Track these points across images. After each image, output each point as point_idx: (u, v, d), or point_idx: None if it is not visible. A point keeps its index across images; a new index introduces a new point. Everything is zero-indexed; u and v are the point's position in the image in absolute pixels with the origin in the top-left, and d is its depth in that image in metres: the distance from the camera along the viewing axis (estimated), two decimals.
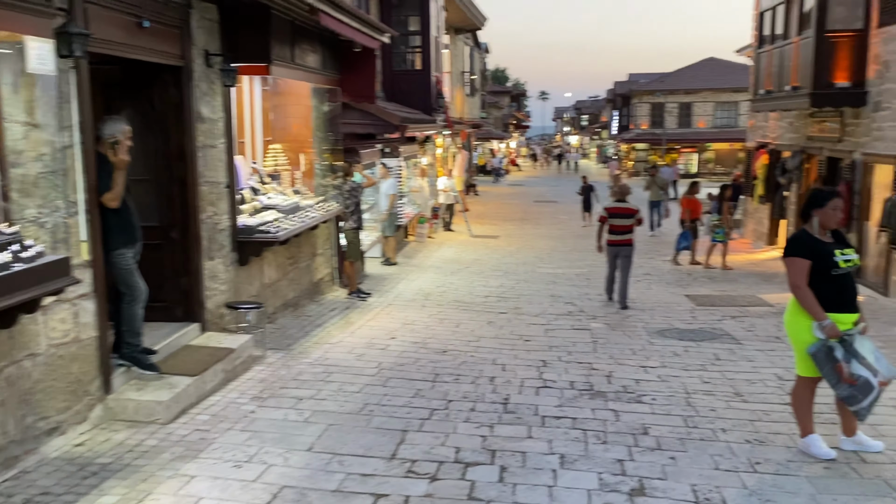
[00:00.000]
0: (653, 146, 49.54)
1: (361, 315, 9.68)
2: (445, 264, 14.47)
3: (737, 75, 49.04)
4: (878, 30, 11.02)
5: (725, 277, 13.23)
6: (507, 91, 69.08)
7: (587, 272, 13.81)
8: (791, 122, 14.87)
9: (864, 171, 11.55)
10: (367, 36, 8.99)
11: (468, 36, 33.12)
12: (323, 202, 10.10)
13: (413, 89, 14.70)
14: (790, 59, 12.48)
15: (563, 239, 18.59)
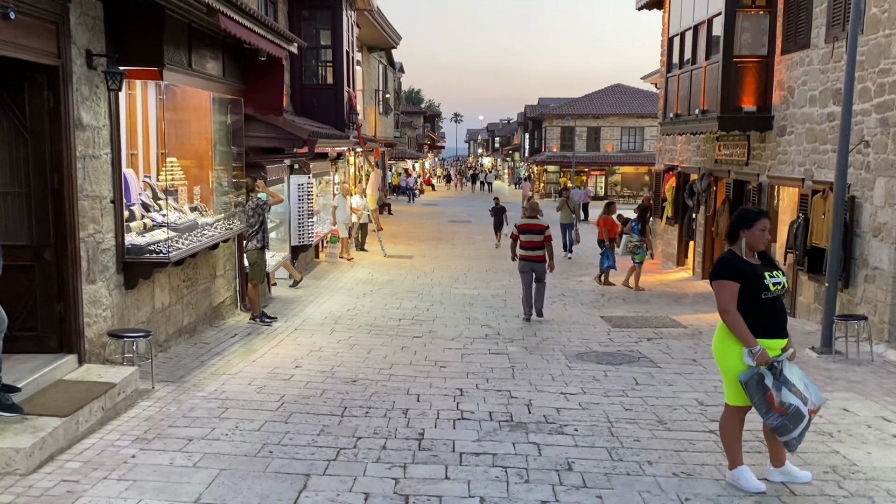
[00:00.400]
0: (563, 168, 50.56)
1: (265, 341, 9.01)
2: (357, 286, 13.91)
3: (642, 101, 50.97)
4: (782, 56, 11.32)
5: (638, 298, 13.25)
6: (422, 112, 69.25)
7: (503, 293, 13.55)
8: (699, 146, 15.18)
9: (769, 193, 11.80)
10: (274, 44, 8.44)
11: (382, 55, 32.80)
12: (224, 220, 9.41)
13: (324, 104, 14.16)
14: (699, 84, 12.71)
15: (478, 259, 18.36)
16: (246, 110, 9.50)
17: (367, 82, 28.25)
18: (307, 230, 14.01)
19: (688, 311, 12.08)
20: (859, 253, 9.24)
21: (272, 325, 9.89)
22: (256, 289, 9.97)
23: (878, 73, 8.77)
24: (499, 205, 21.91)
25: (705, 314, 11.68)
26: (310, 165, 14.04)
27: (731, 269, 4.62)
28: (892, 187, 8.54)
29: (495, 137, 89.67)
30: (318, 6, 14.28)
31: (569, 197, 20.19)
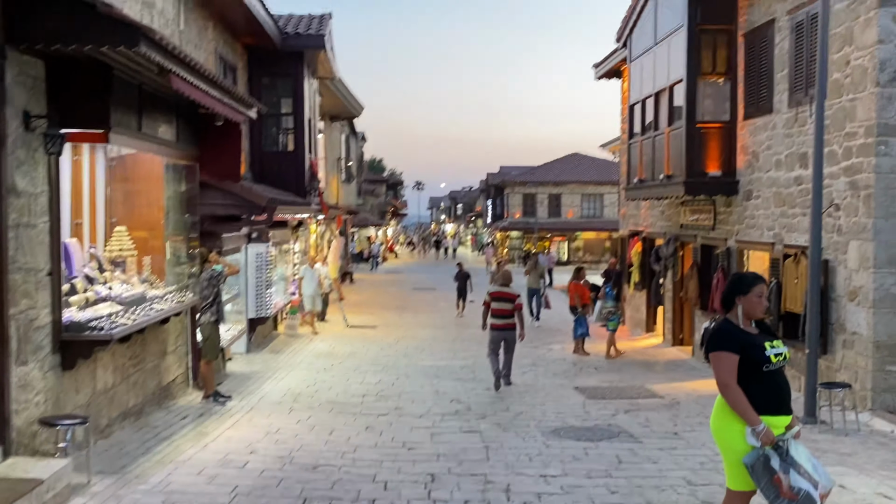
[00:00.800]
0: (526, 234, 50.83)
1: (218, 423, 8.33)
2: (318, 359, 13.27)
3: (600, 169, 51.91)
4: (745, 122, 11.38)
5: (610, 367, 12.87)
6: (384, 180, 69.49)
7: (471, 364, 13.05)
8: (663, 211, 15.14)
9: (739, 258, 11.67)
10: (231, 108, 8.09)
11: (344, 123, 32.85)
12: (176, 292, 8.84)
13: (285, 171, 13.81)
14: (663, 150, 12.71)
15: (444, 328, 17.86)
16: (201, 177, 9.07)
17: (330, 150, 28.12)
18: (265, 301, 13.42)
19: (662, 379, 11.71)
20: (836, 318, 9.03)
21: (226, 404, 9.21)
22: (210, 366, 9.32)
23: (845, 136, 8.76)
24: (462, 271, 21.11)
25: (680, 382, 11.33)
26: (269, 234, 13.57)
27: (729, 340, 4.26)
28: (865, 250, 8.41)
29: (458, 204, 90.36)
30: (279, 73, 14.09)
31: (536, 262, 19.84)
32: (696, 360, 13.28)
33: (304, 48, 13.87)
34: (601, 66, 18.26)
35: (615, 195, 51.03)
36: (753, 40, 11.00)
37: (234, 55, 12.89)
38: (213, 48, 11.26)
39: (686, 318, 14.48)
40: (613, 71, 18.15)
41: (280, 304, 15.33)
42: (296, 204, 11.83)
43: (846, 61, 8.72)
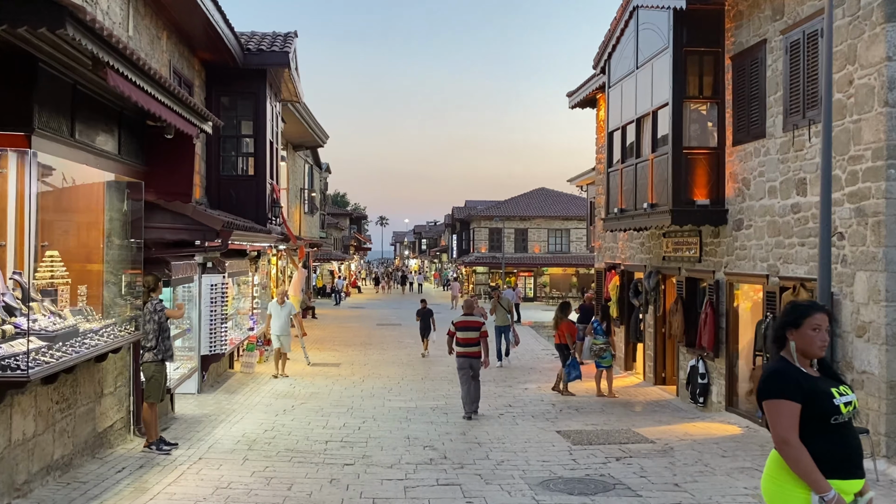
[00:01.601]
0: (492, 269, 50.19)
1: (160, 476, 7.26)
2: (277, 400, 12.19)
3: (566, 204, 51.79)
4: (734, 148, 10.84)
5: (591, 408, 12.03)
6: (348, 213, 68.56)
7: (443, 404, 12.11)
8: (643, 243, 14.53)
9: (728, 291, 11.03)
10: (182, 118, 7.19)
11: (308, 154, 31.99)
12: (116, 326, 7.79)
13: (244, 197, 12.86)
14: (646, 177, 12.12)
15: (411, 365, 16.89)
16: (148, 196, 8.10)
17: (293, 180, 27.20)
18: (220, 337, 12.35)
19: (648, 421, 10.91)
20: (842, 356, 8.37)
21: (171, 453, 8.13)
22: (153, 409, 8.24)
23: (849, 160, 8.20)
24: (426, 308, 19.45)
25: (669, 426, 10.54)
26: (225, 264, 12.55)
27: (789, 386, 3.45)
28: (875, 282, 7.78)
29: (422, 239, 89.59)
30: (240, 92, 13.21)
31: (500, 296, 17.95)
32: (681, 401, 12.54)
33: (267, 66, 13.03)
34: (576, 95, 17.80)
35: (582, 230, 50.92)
36: (743, 62, 10.51)
37: (191, 70, 11.99)
38: (166, 60, 10.36)
39: (669, 356, 13.78)
40: (588, 100, 17.71)
41: (236, 340, 14.23)
42: (255, 230, 10.88)
43: (849, 80, 8.20)
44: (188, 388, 11.99)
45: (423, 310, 19.31)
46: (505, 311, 17.15)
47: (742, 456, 8.46)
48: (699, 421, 10.86)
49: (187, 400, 11.62)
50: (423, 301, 20.99)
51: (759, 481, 6.95)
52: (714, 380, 11.47)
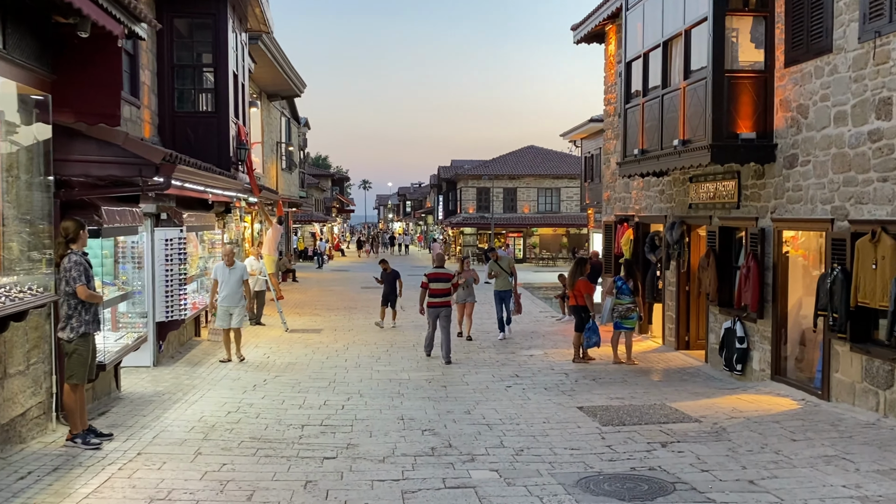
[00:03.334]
0: (480, 230, 48.46)
1: (82, 481, 5.55)
2: (247, 373, 10.47)
3: (556, 162, 49.91)
4: (786, 70, 9.07)
5: (612, 378, 10.42)
6: (330, 175, 66.39)
7: (440, 375, 10.46)
8: (662, 191, 12.81)
9: (775, 240, 9.35)
10: (98, 6, 5.29)
11: (284, 105, 29.84)
12: (23, 285, 5.99)
13: (204, 137, 10.95)
14: (675, 110, 10.34)
15: (401, 330, 15.20)
16: (61, 117, 6.22)
17: (268, 133, 25.15)
18: (179, 301, 10.55)
19: (682, 394, 9.31)
20: None
21: (102, 446, 6.40)
22: (77, 392, 6.47)
23: None
24: (389, 269, 15.86)
25: (709, 399, 8.94)
26: (183, 216, 10.69)
27: None
28: None
29: (407, 201, 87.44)
30: (197, 14, 11.18)
31: (498, 257, 14.82)
32: (713, 368, 10.96)
33: None
34: (582, 27, 15.86)
35: (573, 189, 49.14)
36: None
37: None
38: None
39: (694, 317, 12.17)
40: (595, 34, 15.80)
41: (202, 304, 12.43)
42: (212, 173, 9.02)
43: None
44: (141, 361, 10.24)
45: (387, 272, 15.80)
46: (506, 273, 14.34)
47: (816, 440, 6.86)
48: (743, 392, 9.28)
49: (139, 375, 9.87)
50: (383, 262, 16.69)
51: (855, 475, 5.33)
52: (756, 344, 9.86)
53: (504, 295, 14.17)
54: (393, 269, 15.81)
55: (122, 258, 9.74)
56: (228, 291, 11.14)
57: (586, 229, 38.33)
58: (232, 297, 11.15)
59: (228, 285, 11.16)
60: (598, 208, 31.49)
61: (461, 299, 13.51)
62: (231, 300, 11.15)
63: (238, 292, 11.20)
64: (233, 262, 11.25)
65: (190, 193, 10.12)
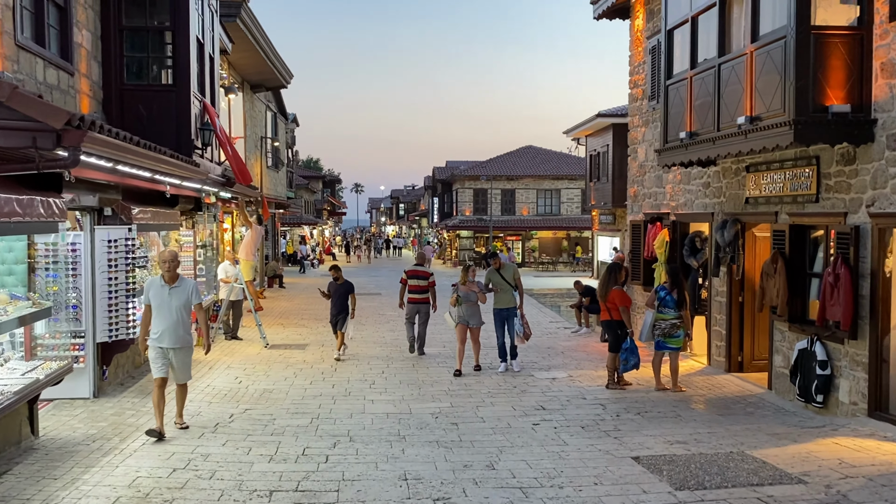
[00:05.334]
0: (477, 233, 46.48)
1: None
2: (211, 405, 8.47)
3: (556, 163, 47.98)
4: (891, 24, 7.15)
5: (661, 410, 8.48)
6: (321, 176, 64.27)
7: (449, 407, 8.50)
8: (707, 183, 10.88)
9: (877, 241, 7.41)
10: None
11: (270, 100, 27.82)
12: None
13: (159, 115, 8.96)
14: (739, 81, 8.40)
15: (397, 345, 13.21)
16: None
17: (251, 127, 23.14)
18: (125, 317, 8.54)
19: (760, 436, 7.33)
20: None
21: None
22: None
23: None
24: (340, 280, 12.14)
25: (798, 444, 6.97)
26: (132, 212, 8.66)
27: None
28: None
29: (400, 204, 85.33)
30: None
31: (501, 265, 11.13)
32: (781, 398, 9.01)
33: None
34: (602, 1, 13.93)
35: (574, 190, 47.24)
36: None
37: None
38: None
39: (750, 333, 10.24)
40: (618, 7, 13.89)
41: None
42: (159, 154, 6.98)
43: None
44: (77, 391, 8.25)
45: (337, 282, 12.06)
46: (510, 286, 10.93)
47: None
48: (836, 434, 7.31)
49: (73, 411, 7.86)
50: (334, 269, 12.45)
51: None
52: (844, 371, 7.91)
53: (507, 314, 10.86)
54: (346, 281, 12.09)
55: (51, 264, 7.75)
56: (167, 323, 7.02)
57: (590, 232, 36.47)
58: (172, 331, 7.02)
59: (166, 312, 7.04)
60: (605, 209, 29.67)
61: (461, 319, 10.67)
62: (171, 336, 7.02)
63: (181, 324, 7.08)
64: (176, 278, 7.13)
65: (137, 183, 8.12)
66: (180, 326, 7.11)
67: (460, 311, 10.73)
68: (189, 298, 7.22)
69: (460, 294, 10.71)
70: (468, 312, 10.72)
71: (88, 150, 5.01)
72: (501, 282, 10.95)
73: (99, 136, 5.08)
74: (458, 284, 10.85)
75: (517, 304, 10.98)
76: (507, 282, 10.95)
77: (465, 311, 10.70)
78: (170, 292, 7.08)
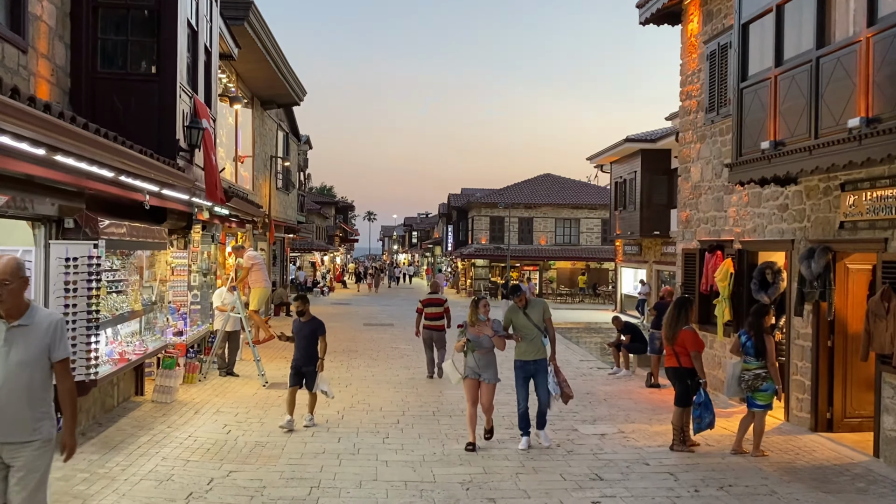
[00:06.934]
0: (493, 262, 44.82)
1: None
2: (185, 467, 6.80)
3: (575, 191, 46.45)
4: None
5: (746, 483, 6.76)
6: (334, 202, 63.02)
7: (481, 473, 6.80)
8: (784, 205, 9.24)
9: None
10: None
11: (282, 118, 26.50)
12: None
13: (137, 109, 7.46)
14: (848, 76, 6.81)
15: (413, 385, 11.55)
16: None
17: (261, 146, 21.73)
18: (86, 353, 6.93)
19: None
20: None
21: None
22: None
23: None
24: (308, 317, 8.87)
25: None
26: (98, 225, 7.09)
27: None
28: None
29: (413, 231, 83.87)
30: None
31: (527, 301, 8.13)
32: (892, 468, 7.25)
33: None
34: (650, 4, 12.45)
35: (593, 220, 45.54)
36: None
37: None
38: None
39: (841, 385, 8.50)
40: (668, 11, 12.40)
41: (138, 352, 8.78)
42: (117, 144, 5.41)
43: None
44: None
45: (303, 321, 8.83)
46: (538, 330, 7.96)
47: None
48: None
49: None
50: (299, 300, 9.04)
51: None
52: None
53: (535, 369, 7.98)
54: (313, 318, 8.86)
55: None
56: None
57: (613, 263, 34.71)
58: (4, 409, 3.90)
59: None
60: (631, 239, 28.00)
61: (470, 372, 7.79)
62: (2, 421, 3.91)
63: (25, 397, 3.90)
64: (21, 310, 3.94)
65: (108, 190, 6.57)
66: (23, 401, 3.90)
67: (469, 360, 7.78)
68: (44, 347, 3.96)
69: (469, 338, 7.76)
70: (480, 363, 7.74)
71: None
72: (527, 324, 7.93)
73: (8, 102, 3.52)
74: (466, 325, 7.91)
75: (547, 355, 8.07)
76: (534, 324, 7.94)
77: (477, 360, 7.74)
78: (5, 338, 3.90)
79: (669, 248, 23.95)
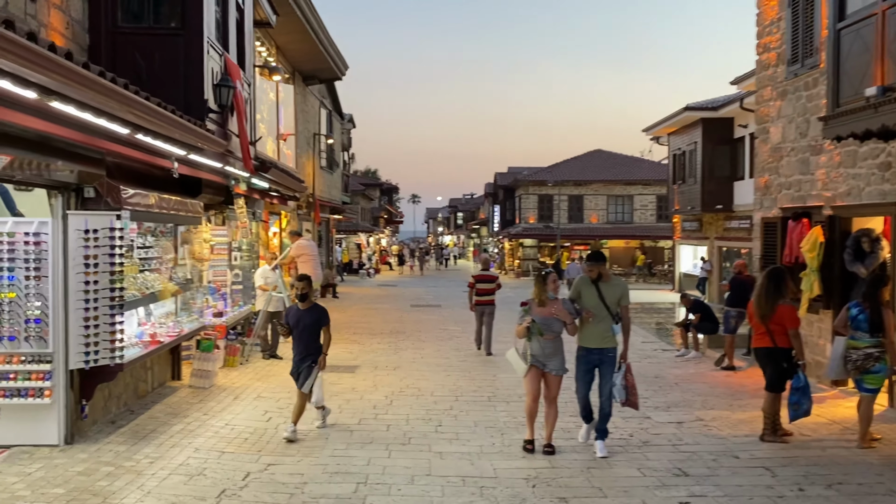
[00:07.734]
0: (542, 242, 43.71)
1: None
2: (223, 456, 6.16)
3: (628, 167, 44.83)
4: None
5: (857, 477, 5.80)
6: (379, 184, 62.58)
7: (548, 467, 5.98)
8: (887, 163, 8.12)
9: None
10: None
11: (325, 96, 25.87)
12: None
13: (161, 65, 6.79)
14: None
15: (464, 369, 10.77)
16: None
17: (303, 123, 21.11)
18: (108, 335, 6.31)
19: None
20: None
21: None
22: None
23: None
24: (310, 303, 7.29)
25: None
26: (121, 195, 6.44)
27: None
28: None
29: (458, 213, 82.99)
30: None
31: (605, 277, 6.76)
32: None
33: None
34: None
35: (648, 196, 43.93)
36: None
37: None
38: None
39: None
40: None
41: (171, 334, 8.19)
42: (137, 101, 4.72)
43: None
44: (43, 437, 6.06)
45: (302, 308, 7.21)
46: (610, 315, 6.62)
47: None
48: None
49: (27, 467, 5.65)
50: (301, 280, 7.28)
51: None
52: None
53: (598, 359, 6.66)
54: (315, 305, 7.32)
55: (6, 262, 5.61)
56: None
57: (671, 241, 33.32)
58: None
59: None
60: (691, 214, 26.62)
61: (534, 360, 6.59)
62: None
63: None
64: None
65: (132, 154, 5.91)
66: None
67: (534, 346, 6.58)
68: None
69: (536, 319, 6.54)
70: (547, 350, 6.56)
71: None
72: (598, 304, 6.58)
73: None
74: (532, 303, 6.67)
75: (616, 344, 6.67)
76: (606, 305, 6.58)
77: (543, 347, 6.55)
78: None
79: (732, 223, 22.60)
